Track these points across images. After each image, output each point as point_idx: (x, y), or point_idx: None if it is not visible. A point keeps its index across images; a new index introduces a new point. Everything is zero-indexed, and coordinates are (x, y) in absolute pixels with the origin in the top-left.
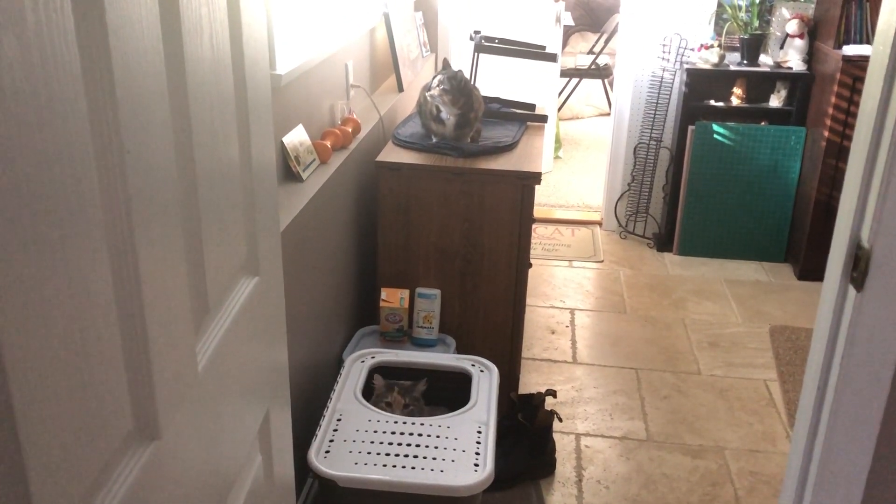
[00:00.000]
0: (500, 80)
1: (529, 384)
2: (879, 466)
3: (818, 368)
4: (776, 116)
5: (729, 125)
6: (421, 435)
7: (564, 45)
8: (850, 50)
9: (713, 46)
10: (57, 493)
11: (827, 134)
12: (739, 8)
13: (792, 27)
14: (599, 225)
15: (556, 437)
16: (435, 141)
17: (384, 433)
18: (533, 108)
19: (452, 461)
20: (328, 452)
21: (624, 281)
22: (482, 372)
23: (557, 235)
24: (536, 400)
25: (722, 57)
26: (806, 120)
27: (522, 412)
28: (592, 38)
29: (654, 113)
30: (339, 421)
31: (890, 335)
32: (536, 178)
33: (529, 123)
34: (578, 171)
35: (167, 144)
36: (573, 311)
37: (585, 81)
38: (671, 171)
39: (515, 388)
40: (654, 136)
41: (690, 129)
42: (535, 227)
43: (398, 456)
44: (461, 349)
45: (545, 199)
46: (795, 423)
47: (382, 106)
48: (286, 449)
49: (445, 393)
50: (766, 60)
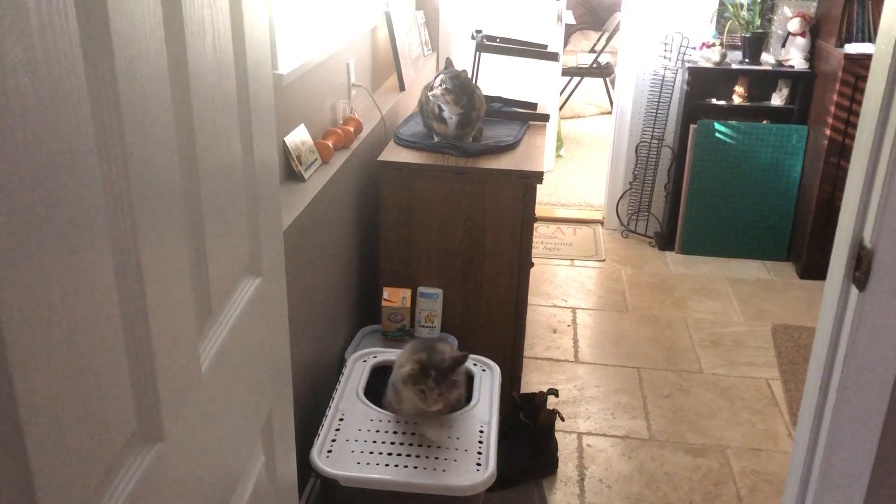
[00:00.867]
0: (501, 79)
1: (531, 383)
2: (882, 466)
3: (820, 368)
4: (778, 115)
5: (731, 124)
6: (423, 435)
7: (566, 43)
8: (852, 48)
9: (715, 45)
10: (61, 495)
11: (829, 132)
12: (741, 6)
13: (794, 25)
14: (601, 224)
15: (558, 436)
16: (437, 140)
17: (386, 433)
18: (535, 107)
19: (455, 461)
20: (330, 452)
21: (626, 280)
22: (484, 371)
23: (559, 234)
24: (538, 399)
25: (724, 55)
26: (808, 118)
27: (524, 411)
28: (594, 36)
29: (655, 112)
30: (341, 420)
31: (892, 335)
32: (538, 177)
33: (531, 122)
34: (580, 169)
35: (170, 146)
36: (575, 310)
37: (587, 80)
38: (673, 169)
39: (517, 387)
40: (655, 134)
41: (692, 127)
42: (536, 226)
43: (400, 455)
44: (463, 348)
45: (547, 197)
46: (798, 422)
47: (384, 105)
48: (289, 449)
49: None
50: (767, 59)
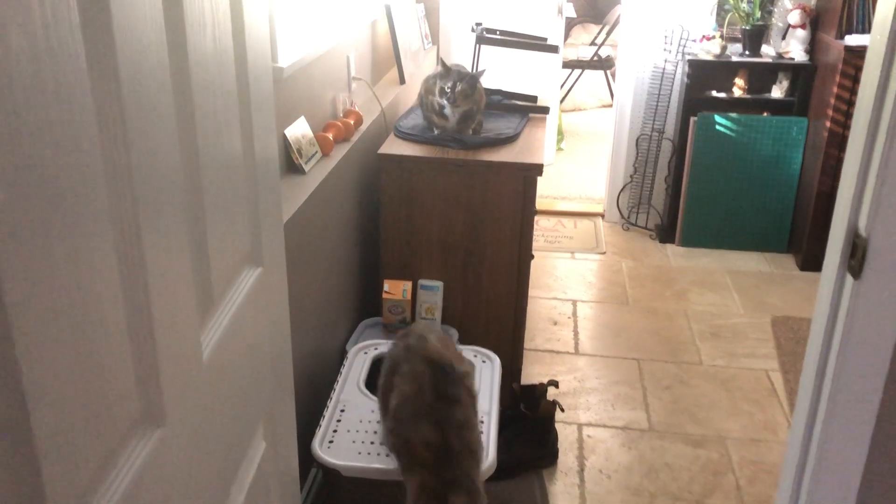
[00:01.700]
0: (501, 71)
1: (532, 375)
2: (877, 450)
3: (817, 355)
4: (778, 107)
5: (731, 116)
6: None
7: (566, 36)
8: (852, 40)
9: (715, 37)
10: (66, 476)
11: (829, 124)
12: None
13: (794, 18)
14: (602, 216)
15: (558, 427)
16: (437, 133)
17: None
18: (535, 99)
19: None
20: (332, 442)
21: (626, 272)
22: (484, 362)
23: (560, 227)
24: (539, 390)
25: (724, 48)
26: (808, 110)
27: (525, 402)
28: (594, 29)
29: (656, 104)
30: (342, 411)
31: (887, 322)
32: (538, 169)
33: (531, 115)
34: (581, 162)
35: (171, 136)
36: (575, 302)
37: (587, 73)
38: (673, 162)
39: (518, 379)
40: (656, 127)
41: (692, 120)
42: (537, 219)
43: None
44: (464, 340)
45: (548, 190)
46: (795, 408)
47: (384, 98)
48: (290, 437)
49: None
50: (767, 51)
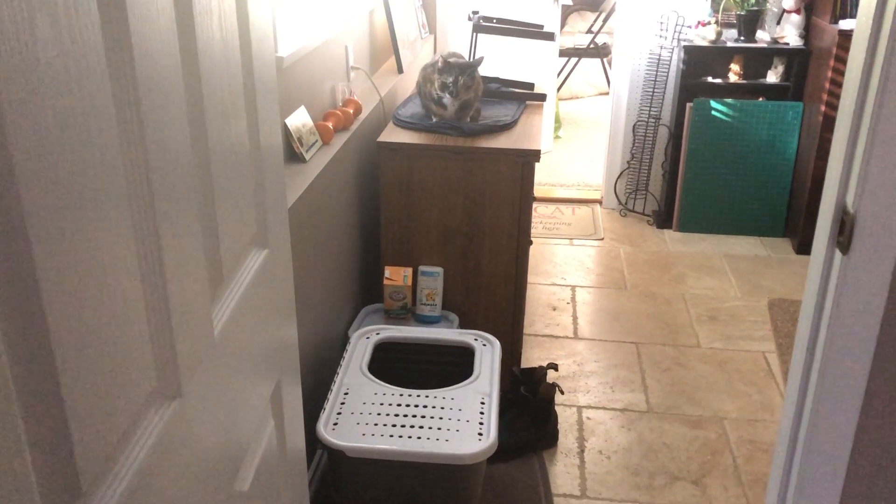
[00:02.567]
0: (498, 59)
1: (531, 359)
2: (866, 422)
3: (807, 330)
4: (773, 92)
5: (727, 101)
6: (426, 406)
7: (563, 24)
8: (846, 24)
9: (710, 23)
10: (94, 440)
11: (824, 109)
12: None
13: (788, 3)
14: (599, 203)
15: (558, 409)
16: (435, 121)
17: (390, 405)
18: (532, 87)
19: (457, 430)
20: (336, 424)
21: (624, 258)
22: (484, 346)
23: (558, 214)
24: (538, 373)
25: (719, 34)
26: (803, 95)
27: (525, 385)
28: (591, 17)
29: (652, 91)
30: (346, 395)
31: (873, 295)
32: (536, 155)
33: (528, 102)
34: (578, 150)
35: (182, 120)
36: (574, 287)
37: (584, 61)
38: (670, 148)
39: (518, 362)
40: (652, 113)
41: (688, 106)
42: (535, 206)
43: (404, 427)
44: (464, 326)
45: (546, 178)
46: (787, 383)
47: (382, 87)
48: (297, 416)
49: (449, 368)
50: (763, 36)
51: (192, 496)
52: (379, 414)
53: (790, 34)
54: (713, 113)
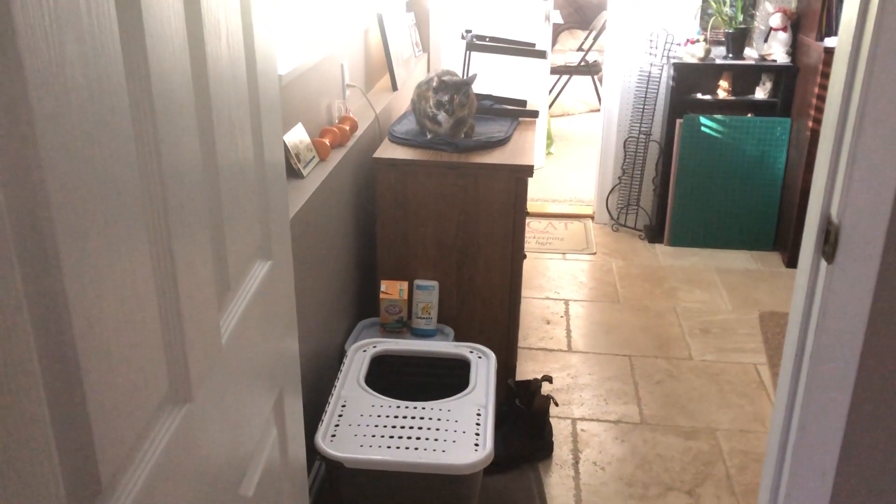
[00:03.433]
0: (491, 77)
1: (526, 372)
2: (853, 428)
3: (795, 338)
4: (762, 108)
5: (716, 117)
6: (423, 418)
7: (554, 42)
8: (831, 42)
9: (699, 41)
10: (113, 438)
11: (811, 124)
12: (724, 3)
13: (775, 21)
14: (592, 218)
15: (552, 421)
16: (430, 137)
17: (387, 417)
18: (524, 104)
19: (454, 442)
20: (334, 436)
21: (616, 272)
22: (480, 358)
23: (551, 229)
24: (533, 386)
25: (708, 51)
26: (791, 111)
27: (520, 398)
28: (581, 35)
29: (642, 107)
30: (343, 407)
31: (858, 303)
32: (529, 170)
33: (521, 119)
34: (570, 166)
35: (194, 137)
36: (567, 301)
37: (575, 78)
38: (660, 163)
39: (513, 375)
40: (643, 130)
41: (678, 122)
42: (528, 221)
43: (401, 438)
44: (459, 339)
45: (538, 193)
46: (776, 390)
47: (378, 104)
48: (298, 425)
49: (445, 380)
50: (750, 53)
51: (201, 498)
52: (376, 426)
53: (777, 51)
54: (703, 129)
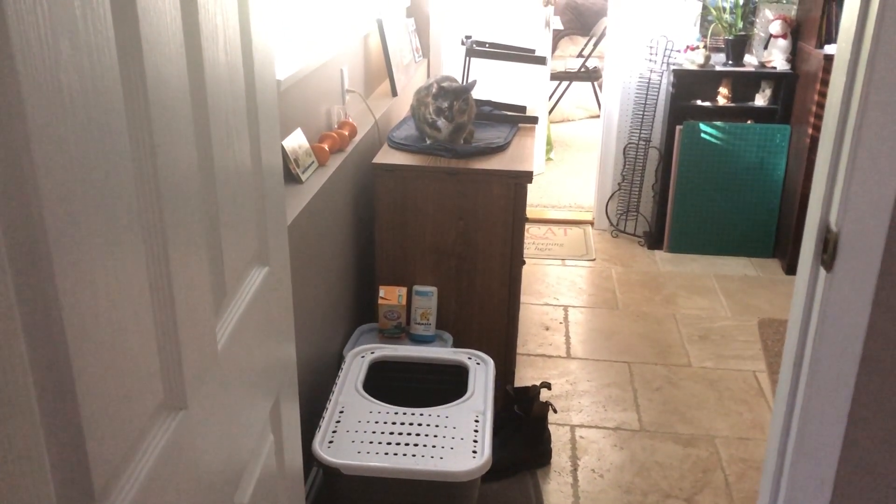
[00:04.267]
0: (491, 83)
1: (525, 379)
2: (852, 435)
3: (794, 346)
4: (761, 115)
5: (716, 124)
6: (420, 424)
7: (554, 49)
8: (831, 49)
9: (699, 48)
10: (106, 445)
11: (811, 131)
12: (724, 10)
13: (775, 28)
14: (591, 224)
15: (551, 428)
16: (429, 143)
17: (385, 423)
18: (524, 110)
19: (451, 448)
20: (332, 443)
21: (616, 278)
22: (478, 364)
23: (550, 235)
24: (532, 392)
25: (707, 58)
26: (790, 118)
27: (518, 404)
28: (581, 41)
29: (642, 114)
30: (341, 413)
31: (857, 311)
32: (528, 176)
33: (521, 125)
34: (570, 172)
35: (190, 141)
36: (566, 307)
37: (575, 85)
38: (660, 170)
39: (511, 382)
40: (642, 136)
41: (678, 128)
42: (528, 227)
43: (399, 445)
44: (458, 345)
45: (538, 199)
46: (775, 397)
47: (377, 110)
48: (295, 432)
49: (443, 386)
50: (750, 60)
51: None
52: (374, 432)
53: (777, 58)
54: (702, 135)
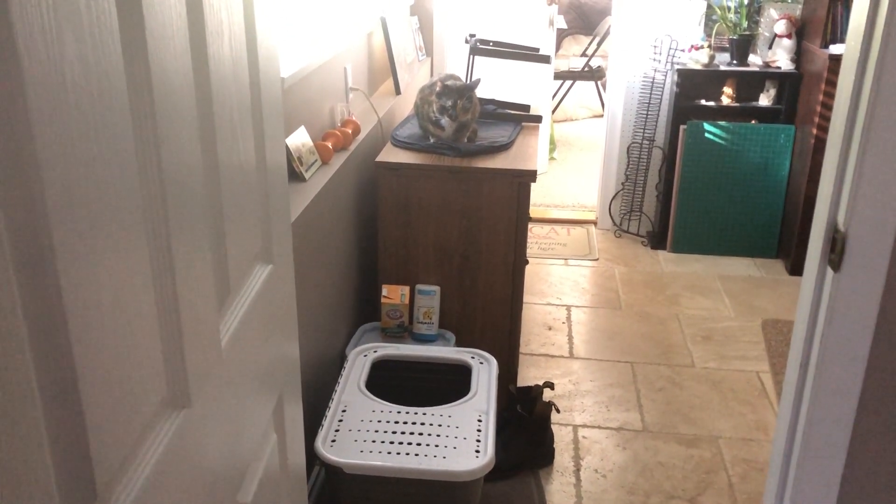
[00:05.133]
0: (495, 82)
1: (527, 378)
2: (858, 437)
3: (800, 346)
4: (766, 115)
5: (720, 124)
6: (423, 424)
7: (558, 48)
8: (836, 49)
9: (703, 47)
10: (109, 443)
11: (815, 131)
12: (728, 9)
13: (780, 27)
14: (594, 224)
15: (554, 428)
16: (433, 141)
17: (388, 422)
18: (527, 109)
19: (454, 448)
20: (334, 441)
21: (619, 278)
22: (481, 364)
23: (553, 235)
24: (535, 392)
25: (712, 57)
26: (795, 118)
27: (521, 404)
28: (585, 40)
29: (646, 113)
30: (344, 412)
31: (864, 311)
32: (532, 175)
33: (524, 124)
34: (573, 171)
35: (194, 138)
36: (569, 307)
37: (579, 84)
38: (664, 170)
39: (514, 381)
40: (646, 135)
41: (682, 128)
42: (531, 226)
43: (402, 444)
44: (460, 344)
45: (541, 199)
46: (781, 399)
47: (381, 108)
48: (298, 431)
49: (446, 386)
50: (755, 60)
51: None
52: (377, 431)
53: (782, 58)
54: (706, 135)
